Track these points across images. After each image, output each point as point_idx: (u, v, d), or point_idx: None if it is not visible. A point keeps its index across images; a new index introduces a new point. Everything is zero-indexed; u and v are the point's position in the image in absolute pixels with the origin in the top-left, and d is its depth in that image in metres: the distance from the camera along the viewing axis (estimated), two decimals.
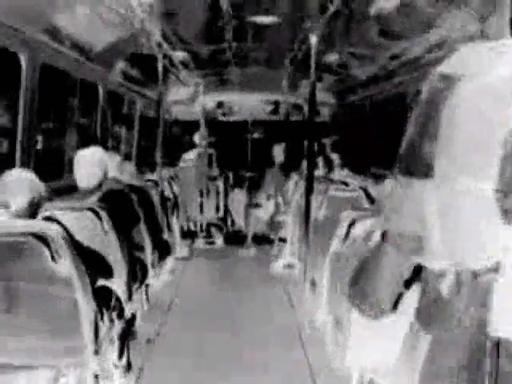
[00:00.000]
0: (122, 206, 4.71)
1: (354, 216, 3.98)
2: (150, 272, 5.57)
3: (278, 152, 10.16)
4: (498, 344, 1.28)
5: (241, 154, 11.33)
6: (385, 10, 4.85)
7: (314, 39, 5.39)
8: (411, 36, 5.63)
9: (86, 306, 3.35)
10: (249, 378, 4.55)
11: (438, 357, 1.96)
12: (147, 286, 5.83)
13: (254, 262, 8.54)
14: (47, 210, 4.03)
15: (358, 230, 3.76)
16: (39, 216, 3.62)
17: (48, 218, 3.53)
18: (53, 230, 3.23)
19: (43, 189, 3.52)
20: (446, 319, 1.37)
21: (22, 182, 3.43)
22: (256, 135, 11.54)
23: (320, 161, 7.11)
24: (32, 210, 3.45)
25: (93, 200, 4.45)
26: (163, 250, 6.25)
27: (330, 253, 4.26)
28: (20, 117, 4.51)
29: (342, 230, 4.04)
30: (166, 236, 6.87)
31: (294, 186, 7.46)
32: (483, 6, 4.08)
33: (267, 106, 11.14)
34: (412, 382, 2.20)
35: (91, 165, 4.60)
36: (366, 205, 5.55)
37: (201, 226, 9.89)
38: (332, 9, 4.92)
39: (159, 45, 6.58)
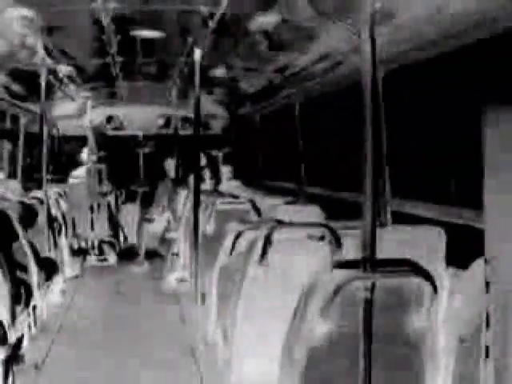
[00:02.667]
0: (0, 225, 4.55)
1: (240, 228, 4.01)
2: (36, 293, 5.39)
3: (170, 166, 10.14)
4: None
5: (132, 169, 11.21)
6: (266, 25, 4.94)
7: (197, 53, 5.41)
8: (295, 49, 5.76)
9: None
10: None
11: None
12: (34, 307, 5.63)
13: (147, 278, 8.45)
14: None
15: (243, 242, 3.80)
16: None
17: None
18: None
19: None
20: None
21: None
22: (147, 149, 11.47)
23: (207, 173, 7.13)
24: None
25: None
26: (49, 269, 6.07)
27: (217, 266, 4.28)
28: None
29: (227, 243, 4.07)
30: (53, 255, 6.67)
31: (184, 199, 7.44)
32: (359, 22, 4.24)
33: (158, 119, 11.09)
34: None
35: None
36: (254, 217, 5.61)
37: (92, 243, 9.67)
38: (212, 24, 4.96)
39: (42, 59, 6.40)
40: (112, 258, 9.62)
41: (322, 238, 3.31)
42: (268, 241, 3.23)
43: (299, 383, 2.27)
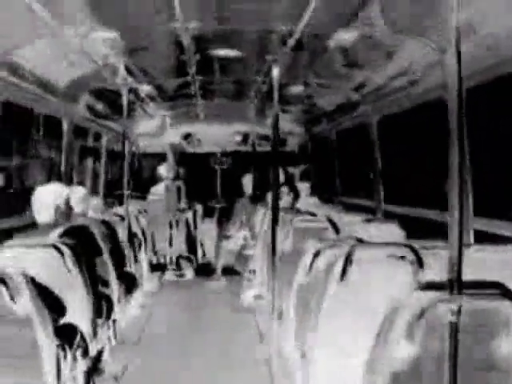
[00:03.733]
0: (84, 241, 4.66)
1: (319, 247, 3.97)
2: (117, 307, 5.49)
3: (248, 183, 10.18)
4: None
5: (210, 186, 11.34)
6: (345, 41, 4.92)
7: (275, 71, 5.42)
8: (373, 66, 5.72)
9: (47, 345, 3.29)
10: None
11: None
12: (114, 321, 5.74)
13: (224, 294, 8.49)
14: (7, 246, 3.99)
15: (322, 260, 3.77)
16: None
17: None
18: (12, 268, 3.18)
19: None
20: None
21: None
22: (225, 166, 11.57)
23: (285, 191, 7.12)
24: None
25: (54, 236, 4.40)
26: (130, 284, 6.19)
27: (296, 283, 4.25)
28: None
29: (306, 261, 4.03)
30: (133, 270, 6.80)
31: (262, 216, 7.45)
32: (442, 38, 4.17)
33: (235, 137, 11.18)
34: None
35: (50, 201, 4.57)
36: (332, 235, 5.56)
37: (170, 258, 9.82)
38: (292, 42, 4.98)
39: (124, 79, 6.58)
40: (189, 274, 9.73)
41: (402, 258, 3.24)
42: (349, 259, 3.19)
43: None
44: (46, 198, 4.59)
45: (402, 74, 5.55)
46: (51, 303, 3.62)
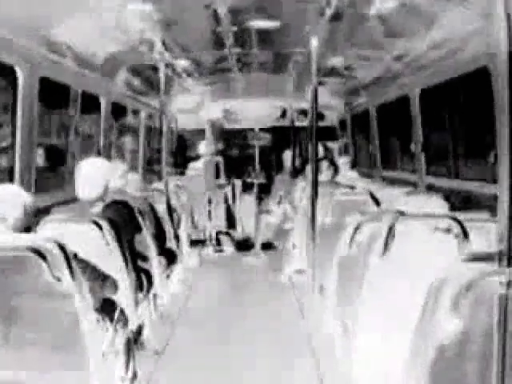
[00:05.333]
0: (123, 217, 4.66)
1: (360, 220, 3.90)
2: (157, 282, 5.51)
3: (287, 157, 10.12)
4: None
5: (248, 161, 11.30)
6: (384, 9, 4.78)
7: (314, 42, 5.32)
8: (413, 35, 5.56)
9: (87, 320, 3.30)
10: None
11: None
12: (154, 295, 5.77)
13: (264, 269, 8.48)
14: (48, 221, 4.01)
15: (363, 233, 3.70)
16: (38, 228, 3.59)
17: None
18: (52, 244, 3.19)
19: (32, 201, 3.48)
20: None
21: (12, 196, 3.41)
22: (263, 141, 11.51)
23: (324, 165, 7.03)
24: (27, 222, 3.41)
25: (94, 211, 4.41)
26: (170, 259, 6.20)
27: (337, 258, 4.19)
28: (18, 131, 4.47)
29: (347, 235, 3.97)
30: (173, 245, 6.82)
31: (302, 191, 7.38)
32: (487, 2, 4.01)
33: (274, 111, 11.09)
34: None
35: (91, 176, 4.55)
36: (373, 208, 5.47)
37: (209, 234, 9.84)
38: (330, 11, 4.86)
39: (161, 54, 6.54)
40: (229, 249, 9.75)
41: (447, 230, 3.15)
42: (391, 232, 3.11)
43: (426, 383, 2.14)
44: (92, 173, 4.57)
45: (443, 43, 5.38)
46: (91, 278, 3.63)
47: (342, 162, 8.45)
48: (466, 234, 3.10)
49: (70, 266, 3.18)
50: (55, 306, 3.21)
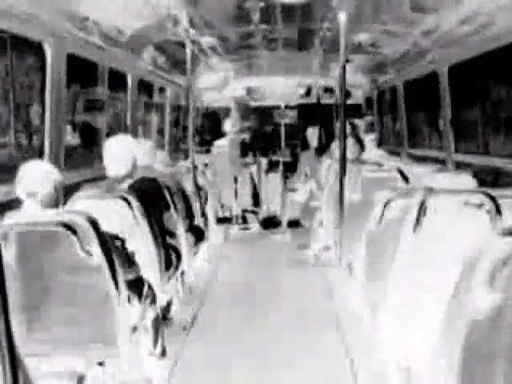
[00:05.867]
0: (152, 194, 4.68)
1: (389, 196, 3.86)
2: (185, 259, 5.54)
3: (313, 135, 10.05)
4: None
5: (274, 139, 11.27)
6: None
7: (342, 17, 5.25)
8: (440, 9, 5.46)
9: (118, 295, 3.33)
10: (287, 362, 4.50)
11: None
12: (182, 272, 5.81)
13: (289, 247, 8.48)
14: (77, 198, 4.03)
15: (393, 210, 3.67)
16: (68, 204, 3.62)
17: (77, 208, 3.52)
18: (82, 219, 3.21)
19: (61, 178, 3.51)
20: None
21: (43, 172, 3.43)
22: (288, 119, 11.46)
23: (350, 142, 6.97)
24: (56, 199, 3.44)
25: (123, 188, 4.42)
26: (197, 236, 6.22)
27: (365, 234, 4.16)
28: (47, 108, 4.49)
29: (376, 211, 3.93)
30: (200, 223, 6.84)
31: (327, 169, 7.34)
32: None
33: (299, 89, 11.02)
34: (452, 367, 2.13)
35: (120, 152, 4.57)
36: (401, 185, 5.42)
37: (236, 212, 9.86)
38: None
39: (186, 30, 6.51)
40: (255, 227, 9.77)
41: (480, 206, 3.11)
42: (423, 208, 3.07)
43: (460, 358, 2.12)
44: (120, 150, 4.58)
45: (472, 18, 5.28)
46: (120, 254, 3.65)
47: (368, 139, 8.37)
48: (498, 210, 3.05)
49: (100, 241, 3.20)
50: (86, 280, 3.24)
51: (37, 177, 3.39)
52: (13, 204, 3.50)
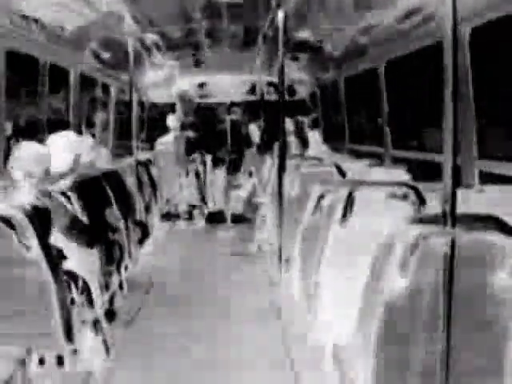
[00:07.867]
0: (94, 190, 4.72)
1: (323, 190, 4.00)
2: (128, 254, 5.58)
3: (254, 131, 10.18)
4: None
5: (219, 136, 11.35)
6: None
7: (280, 15, 5.36)
8: (381, 6, 5.59)
9: (56, 289, 3.36)
10: (230, 354, 4.62)
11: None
12: (126, 268, 5.85)
13: (234, 240, 8.61)
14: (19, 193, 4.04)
15: (326, 203, 3.80)
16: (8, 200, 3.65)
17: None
18: (19, 213, 3.24)
19: None
20: None
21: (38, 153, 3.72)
22: (233, 116, 11.55)
23: (293, 140, 7.11)
24: None
25: (64, 184, 4.45)
26: (141, 232, 6.27)
27: (301, 228, 4.30)
28: None
29: (311, 205, 4.07)
30: (144, 219, 6.89)
31: (271, 165, 7.47)
32: None
33: (243, 86, 11.11)
34: (369, 343, 2.27)
35: (62, 149, 4.59)
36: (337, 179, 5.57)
37: (181, 207, 9.93)
38: None
39: (129, 27, 6.53)
40: (200, 222, 9.85)
41: (404, 197, 3.27)
42: (349, 200, 3.21)
43: (376, 341, 2.27)
44: (62, 147, 4.61)
45: (411, 15, 5.42)
46: (59, 247, 3.69)
47: (312, 135, 8.51)
48: (422, 201, 3.21)
49: (38, 235, 3.24)
50: (24, 273, 3.27)
51: (34, 157, 3.52)
52: None
